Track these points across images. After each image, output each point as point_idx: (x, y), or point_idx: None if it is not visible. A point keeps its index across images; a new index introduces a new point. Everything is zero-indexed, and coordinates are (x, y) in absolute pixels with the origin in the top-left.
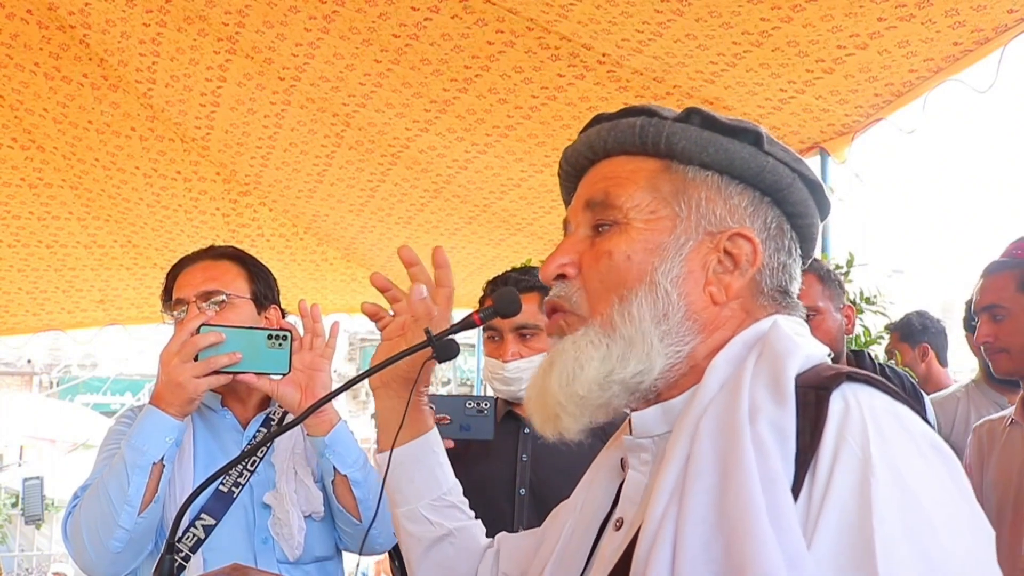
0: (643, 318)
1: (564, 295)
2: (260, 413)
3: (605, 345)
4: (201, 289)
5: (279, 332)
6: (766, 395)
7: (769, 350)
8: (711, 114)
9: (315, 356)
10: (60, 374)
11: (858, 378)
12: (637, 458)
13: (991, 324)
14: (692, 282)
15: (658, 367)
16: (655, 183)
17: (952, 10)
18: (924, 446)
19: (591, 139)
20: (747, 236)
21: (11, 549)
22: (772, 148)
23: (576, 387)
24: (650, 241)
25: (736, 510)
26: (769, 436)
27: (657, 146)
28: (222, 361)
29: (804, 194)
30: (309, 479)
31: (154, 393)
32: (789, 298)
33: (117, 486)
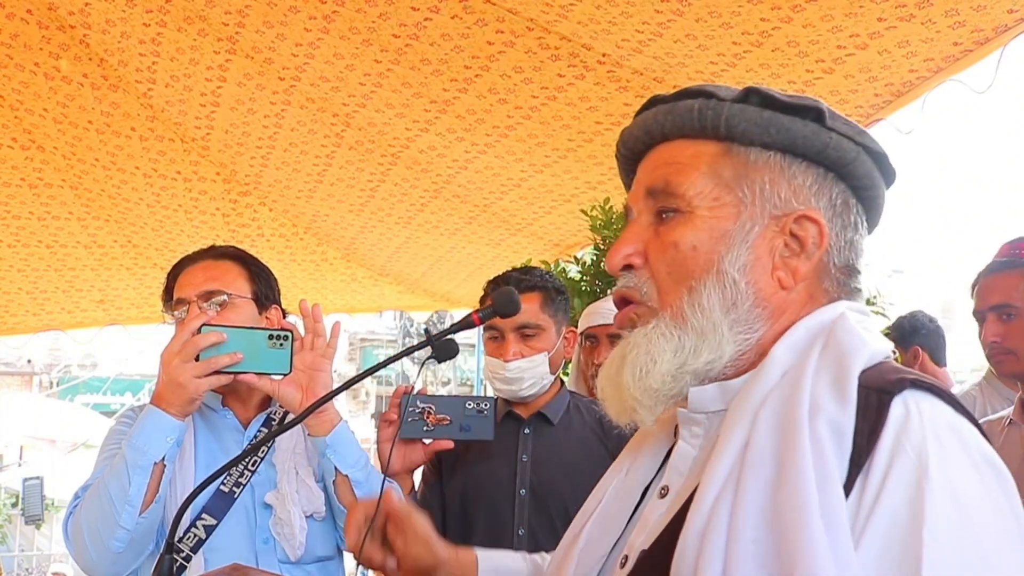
0: (713, 308)
1: (634, 286)
2: (261, 413)
3: (677, 337)
4: (202, 289)
5: (280, 332)
6: (828, 392)
7: (835, 344)
8: (770, 92)
9: (316, 356)
10: (60, 374)
11: (922, 386)
12: (689, 431)
13: (1000, 324)
14: (760, 268)
15: (728, 355)
16: (716, 168)
17: (952, 10)
18: (980, 462)
19: (648, 123)
20: (813, 218)
21: (11, 549)
22: (835, 123)
23: (650, 381)
24: (716, 229)
25: (790, 507)
26: (827, 435)
27: (717, 129)
28: (223, 361)
29: (869, 166)
30: (310, 479)
31: (155, 393)
32: (854, 279)
33: (118, 486)
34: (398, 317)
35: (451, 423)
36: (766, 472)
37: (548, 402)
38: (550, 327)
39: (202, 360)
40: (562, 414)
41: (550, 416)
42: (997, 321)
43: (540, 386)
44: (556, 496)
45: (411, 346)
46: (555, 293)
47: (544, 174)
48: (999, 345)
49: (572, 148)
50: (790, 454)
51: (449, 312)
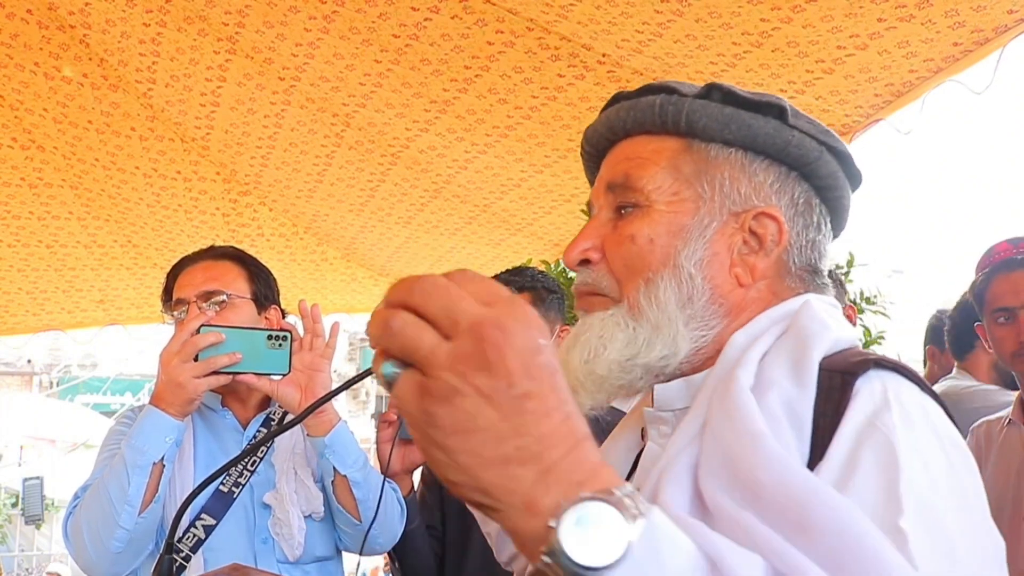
0: (668, 302)
1: (592, 281)
2: (260, 413)
3: (631, 328)
4: (202, 289)
5: (279, 332)
6: (786, 373)
7: (796, 329)
8: (732, 89)
9: (315, 356)
10: (60, 374)
11: (887, 365)
12: (657, 430)
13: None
14: (717, 264)
15: (683, 351)
16: (676, 163)
17: (952, 10)
18: (946, 442)
19: (611, 119)
20: (772, 215)
21: (11, 549)
22: (797, 121)
23: (596, 366)
24: (673, 224)
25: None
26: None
27: (677, 124)
28: (222, 361)
29: (833, 166)
30: (309, 479)
31: (154, 393)
32: (819, 277)
33: (117, 486)
34: None
35: None
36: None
37: None
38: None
39: (201, 360)
40: None
41: None
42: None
43: None
44: None
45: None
46: (546, 293)
47: (544, 174)
48: None
49: (572, 148)
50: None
51: None
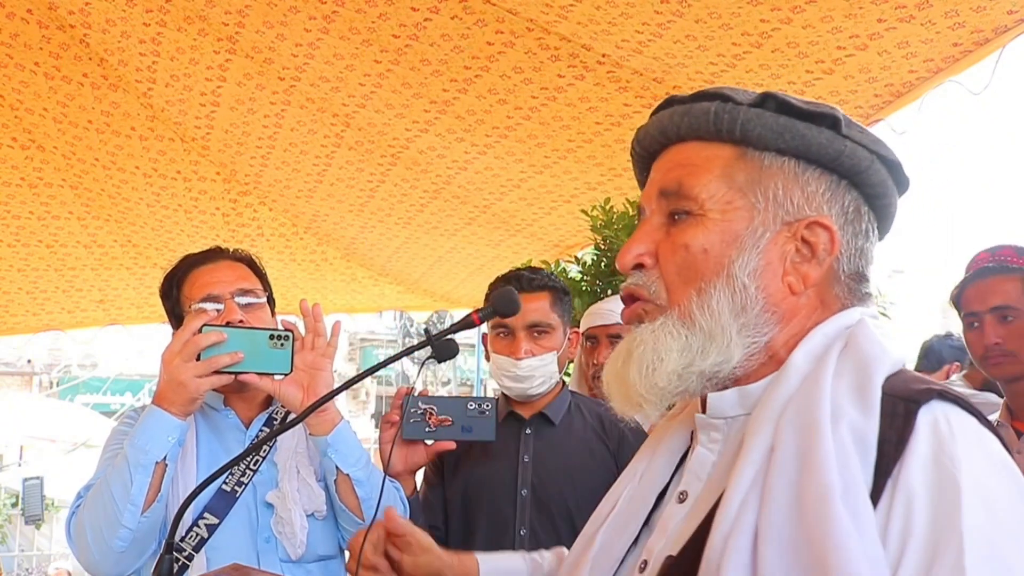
0: (722, 311)
1: (642, 284)
2: (263, 412)
3: (684, 337)
4: (237, 286)
5: (281, 332)
6: (849, 399)
7: (856, 350)
8: (787, 98)
9: (317, 356)
10: (60, 374)
11: (948, 397)
12: (707, 436)
13: (1000, 325)
14: (770, 274)
15: (736, 357)
16: (730, 172)
17: (952, 11)
18: (1005, 473)
19: (663, 123)
20: (825, 225)
21: (11, 549)
22: (850, 131)
23: (656, 378)
24: (727, 233)
25: (815, 503)
26: (850, 441)
27: (732, 132)
28: (224, 361)
29: (883, 175)
30: (312, 478)
31: (156, 392)
32: (865, 284)
33: (120, 485)
34: (398, 317)
35: (453, 424)
36: (791, 472)
37: (550, 402)
38: (559, 326)
39: (203, 360)
40: (563, 414)
41: (551, 416)
42: (997, 323)
43: (548, 385)
44: (557, 496)
45: (411, 346)
46: (562, 293)
47: (544, 175)
48: (1000, 347)
49: (572, 149)
50: (813, 453)
51: (449, 312)
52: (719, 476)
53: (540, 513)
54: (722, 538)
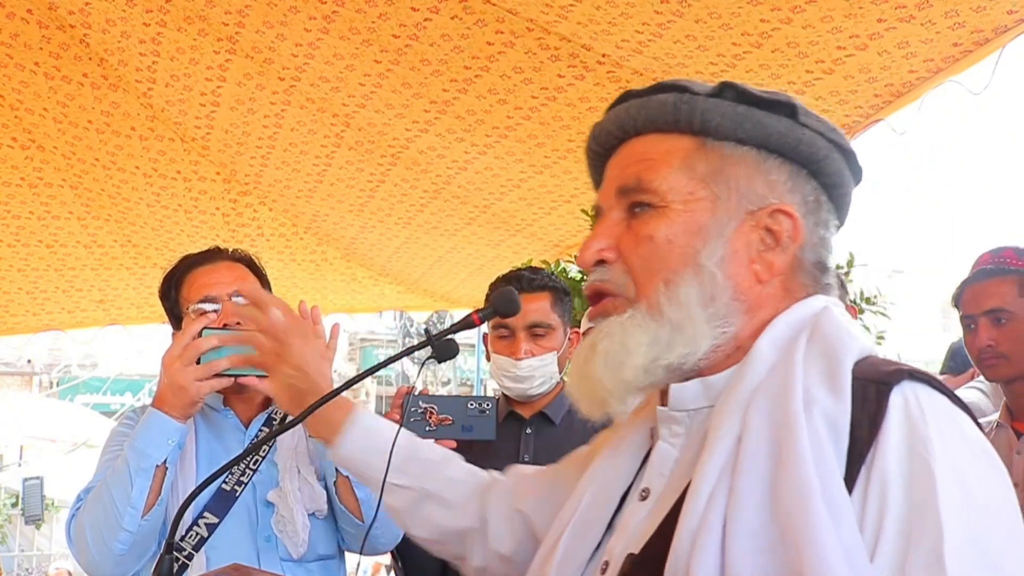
0: (690, 302)
1: (608, 279)
2: (262, 412)
3: (652, 330)
4: (235, 287)
5: None
6: (820, 385)
7: (822, 337)
8: (746, 88)
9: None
10: (60, 374)
11: (919, 377)
12: (669, 430)
13: (994, 328)
14: (737, 262)
15: (703, 349)
16: (691, 163)
17: (952, 11)
18: (979, 452)
19: (620, 117)
20: (787, 212)
21: (11, 549)
22: (807, 119)
23: (623, 373)
24: (691, 224)
25: (790, 494)
26: (823, 427)
27: (691, 123)
28: (223, 364)
29: (840, 164)
30: (312, 477)
31: (156, 396)
32: (827, 274)
33: (120, 489)
34: (398, 317)
35: (453, 423)
36: (762, 465)
37: (550, 402)
38: (559, 327)
39: (203, 363)
40: (564, 414)
41: (552, 416)
42: (991, 326)
43: (548, 385)
44: None
45: (411, 346)
46: (562, 294)
47: (544, 175)
48: (992, 349)
49: (572, 149)
50: (788, 444)
51: (449, 312)
52: (682, 471)
53: None
54: (690, 533)
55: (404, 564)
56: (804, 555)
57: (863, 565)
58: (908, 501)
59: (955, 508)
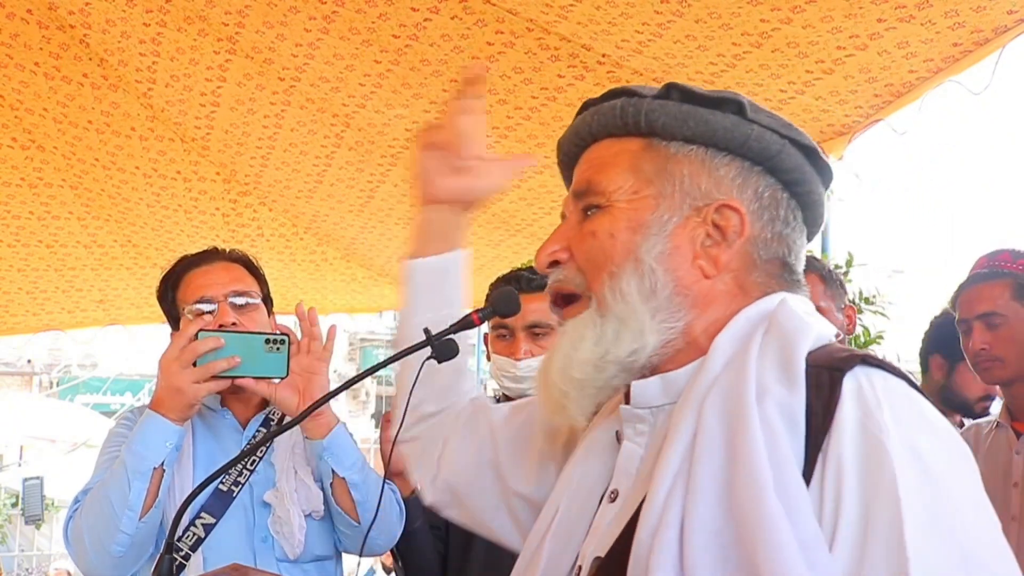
0: (631, 295)
1: (565, 278)
2: (260, 413)
3: (599, 326)
4: (231, 288)
5: (277, 336)
6: (774, 376)
7: (777, 328)
8: (690, 87)
9: (312, 359)
10: (60, 374)
11: (872, 362)
12: (633, 428)
13: (987, 332)
14: (679, 257)
15: (651, 344)
16: (636, 163)
17: (952, 11)
18: (939, 430)
19: (578, 126)
20: (733, 207)
21: (11, 549)
22: (757, 115)
23: (573, 371)
24: (632, 220)
25: (744, 489)
26: (777, 418)
27: (638, 125)
28: (221, 366)
29: (798, 159)
30: (309, 478)
31: (154, 398)
32: (790, 273)
33: (118, 491)
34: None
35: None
36: (717, 460)
37: None
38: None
39: (200, 365)
40: None
41: None
42: (984, 329)
43: None
44: None
45: (411, 346)
46: None
47: (544, 175)
48: (987, 352)
49: None
50: (740, 438)
51: None
52: (647, 470)
53: None
54: (648, 534)
55: (404, 564)
56: (759, 550)
57: (821, 555)
58: (864, 485)
59: (913, 489)
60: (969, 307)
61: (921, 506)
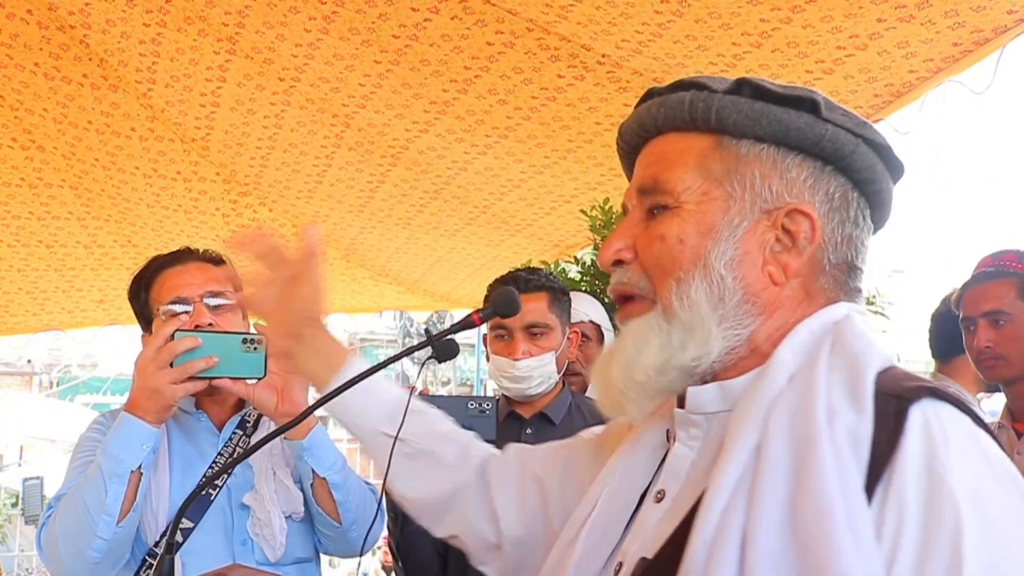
0: (700, 303)
1: (629, 280)
2: (235, 415)
3: (665, 331)
4: (207, 289)
5: (254, 336)
6: (844, 398)
7: (844, 347)
8: (762, 84)
9: None
10: (60, 374)
11: (940, 395)
12: (686, 432)
13: (992, 330)
14: (749, 263)
15: (716, 351)
16: (706, 163)
17: (952, 11)
18: (1002, 474)
19: (642, 116)
20: (805, 212)
21: (11, 549)
22: (831, 114)
23: (635, 373)
24: (702, 223)
25: (813, 516)
26: (845, 442)
27: (707, 121)
28: (199, 366)
29: (871, 159)
30: (288, 479)
31: (129, 400)
32: (854, 277)
33: (94, 495)
34: (398, 317)
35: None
36: (783, 480)
37: (550, 402)
38: (557, 327)
39: (177, 366)
40: (564, 414)
41: (552, 416)
42: (989, 327)
43: (547, 385)
44: None
45: (411, 346)
46: (560, 293)
47: (544, 175)
48: (991, 350)
49: (572, 149)
50: (810, 461)
51: (449, 312)
52: (698, 475)
53: None
54: (704, 544)
55: (404, 564)
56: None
57: None
58: (926, 526)
59: (974, 533)
60: (974, 305)
61: (981, 552)
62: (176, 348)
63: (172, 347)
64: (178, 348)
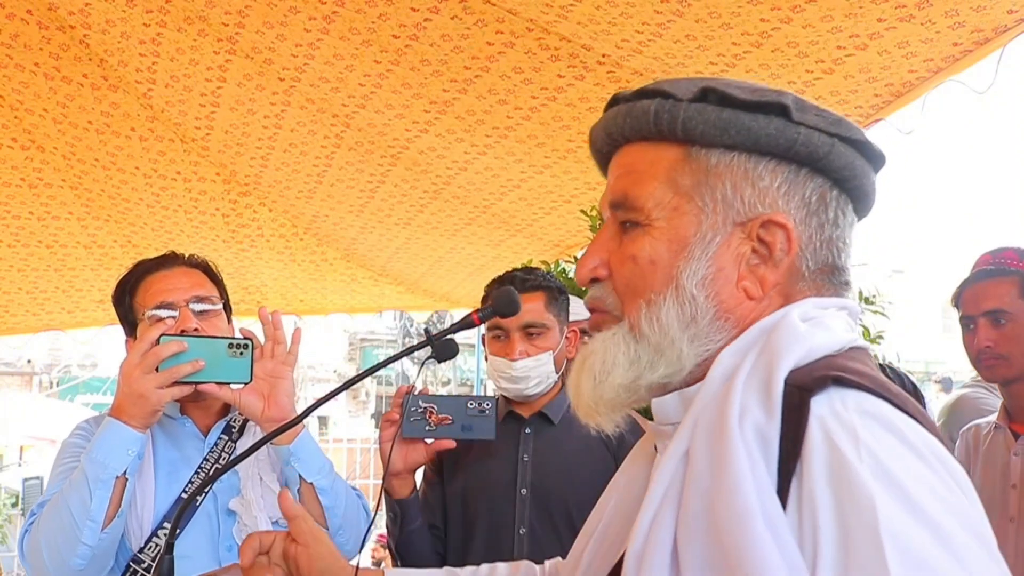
0: (671, 324)
1: (599, 296)
2: (221, 420)
3: (633, 350)
4: (192, 293)
5: (240, 340)
6: (755, 397)
7: (768, 346)
8: (728, 91)
9: (277, 364)
10: (60, 374)
11: (847, 382)
12: (663, 444)
13: (992, 329)
14: (722, 280)
15: (688, 367)
16: (675, 176)
17: (952, 11)
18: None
19: (609, 125)
20: (779, 223)
21: (11, 549)
22: (803, 116)
23: (603, 390)
24: (674, 241)
25: (728, 518)
26: (753, 441)
27: (674, 132)
28: (185, 370)
29: (848, 156)
30: (275, 484)
31: (114, 405)
32: (837, 275)
33: (79, 501)
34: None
35: (453, 423)
36: (704, 483)
37: (549, 402)
38: (554, 326)
39: (163, 371)
40: (563, 413)
41: (551, 416)
42: (989, 326)
43: (545, 385)
44: (557, 495)
45: (411, 346)
46: (558, 293)
47: (544, 175)
48: (991, 350)
49: (572, 149)
50: (722, 461)
51: (449, 312)
52: None
53: (539, 513)
54: (635, 556)
55: (403, 564)
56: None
57: None
58: (840, 515)
59: (888, 516)
60: (975, 303)
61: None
62: (162, 352)
63: (158, 351)
64: (164, 352)
